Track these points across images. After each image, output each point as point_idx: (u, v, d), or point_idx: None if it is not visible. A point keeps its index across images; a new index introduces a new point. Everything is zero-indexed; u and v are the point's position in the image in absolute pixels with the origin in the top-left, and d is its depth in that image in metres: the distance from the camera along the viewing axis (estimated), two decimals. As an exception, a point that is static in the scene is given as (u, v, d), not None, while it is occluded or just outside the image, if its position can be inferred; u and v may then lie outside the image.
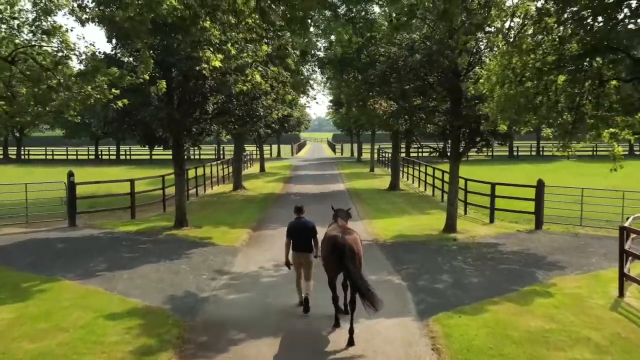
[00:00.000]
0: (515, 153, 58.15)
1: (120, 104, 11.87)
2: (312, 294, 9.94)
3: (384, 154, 49.01)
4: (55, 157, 61.47)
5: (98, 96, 11.26)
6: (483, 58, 17.36)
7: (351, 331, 8.57)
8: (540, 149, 61.67)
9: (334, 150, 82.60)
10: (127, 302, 10.40)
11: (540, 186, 18.72)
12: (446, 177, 25.11)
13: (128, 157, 60.95)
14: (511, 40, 10.83)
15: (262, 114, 17.13)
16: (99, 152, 63.64)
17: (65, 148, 63.63)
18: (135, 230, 17.54)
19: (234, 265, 13.45)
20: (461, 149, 17.49)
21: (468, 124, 16.82)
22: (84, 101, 11.10)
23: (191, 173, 27.52)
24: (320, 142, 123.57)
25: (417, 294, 11.11)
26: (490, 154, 54.82)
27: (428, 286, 11.67)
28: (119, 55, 15.97)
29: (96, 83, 11.26)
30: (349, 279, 8.73)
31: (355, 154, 61.40)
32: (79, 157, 62.12)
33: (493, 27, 12.31)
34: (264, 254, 14.64)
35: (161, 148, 17.68)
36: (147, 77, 12.72)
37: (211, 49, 10.88)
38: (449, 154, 17.59)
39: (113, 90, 11.77)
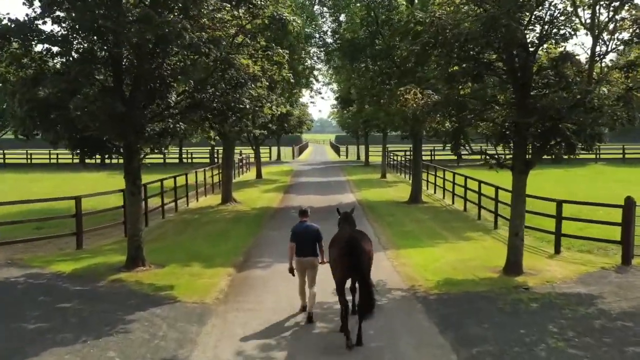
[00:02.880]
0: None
1: None
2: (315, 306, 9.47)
3: (393, 158, 43.85)
4: (34, 161, 56.29)
5: None
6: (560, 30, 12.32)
7: (360, 334, 8.28)
8: (565, 151, 56.33)
9: (338, 152, 77.41)
10: None
11: (629, 206, 13.61)
12: (478, 187, 20.14)
13: (115, 161, 55.70)
14: None
15: (248, 107, 12.03)
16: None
17: (47, 151, 58.39)
18: (71, 271, 12.45)
19: (197, 346, 8.32)
20: (529, 156, 12.42)
21: (542, 121, 11.74)
22: None
23: (168, 183, 22.44)
24: (322, 144, 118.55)
25: None
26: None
27: (533, 407, 6.59)
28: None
29: None
30: (360, 285, 8.31)
31: (362, 157, 56.21)
32: (61, 160, 56.84)
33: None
34: (248, 319, 9.54)
35: (106, 156, 12.54)
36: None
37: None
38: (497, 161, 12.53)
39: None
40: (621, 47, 12.03)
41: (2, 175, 41.77)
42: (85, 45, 11.77)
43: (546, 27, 12.27)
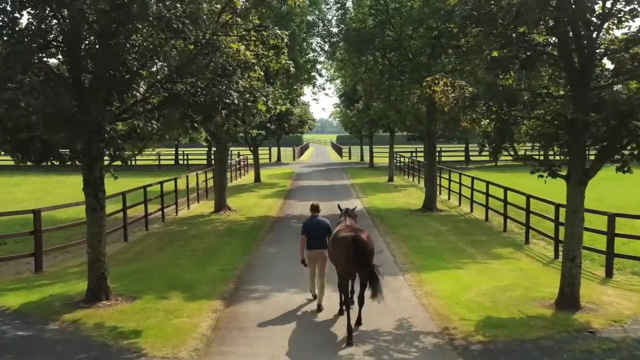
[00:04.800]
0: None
1: None
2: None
3: (400, 159, 41.32)
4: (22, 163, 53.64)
5: None
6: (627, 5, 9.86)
7: (359, 321, 8.88)
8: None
9: (340, 153, 74.92)
10: None
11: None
12: (504, 194, 17.72)
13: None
14: None
15: (236, 101, 9.58)
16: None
17: (38, 152, 55.78)
18: (19, 306, 9.97)
19: None
20: (590, 162, 9.98)
21: (607, 118, 9.30)
22: None
23: (156, 188, 20.02)
24: (324, 145, 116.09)
25: None
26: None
27: None
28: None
29: None
30: (368, 273, 8.53)
31: (366, 158, 53.69)
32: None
33: None
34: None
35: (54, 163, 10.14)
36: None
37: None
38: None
39: None
40: None
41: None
42: (35, 24, 9.31)
43: (609, 2, 9.85)
